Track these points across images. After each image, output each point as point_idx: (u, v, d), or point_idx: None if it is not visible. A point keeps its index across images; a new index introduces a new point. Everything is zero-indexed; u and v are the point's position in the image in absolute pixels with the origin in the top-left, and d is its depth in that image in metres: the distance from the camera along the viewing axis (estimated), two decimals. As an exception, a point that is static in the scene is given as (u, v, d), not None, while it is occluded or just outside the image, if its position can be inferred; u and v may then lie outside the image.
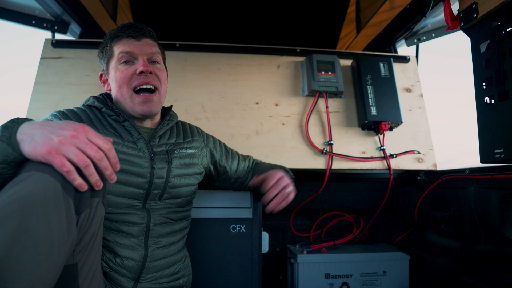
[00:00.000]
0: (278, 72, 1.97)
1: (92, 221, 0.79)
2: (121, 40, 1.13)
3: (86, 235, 0.79)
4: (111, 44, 1.15)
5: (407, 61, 2.08)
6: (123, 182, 1.04)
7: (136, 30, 1.13)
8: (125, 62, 1.11)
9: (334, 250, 1.76)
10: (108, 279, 1.02)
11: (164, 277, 1.11)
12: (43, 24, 2.02)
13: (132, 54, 1.12)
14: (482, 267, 1.37)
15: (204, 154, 1.30)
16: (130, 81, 1.10)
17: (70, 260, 0.77)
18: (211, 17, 2.45)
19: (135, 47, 1.12)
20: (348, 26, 2.49)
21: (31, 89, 1.80)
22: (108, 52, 1.15)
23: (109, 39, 1.15)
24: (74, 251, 0.77)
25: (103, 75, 1.21)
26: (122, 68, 1.11)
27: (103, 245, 1.03)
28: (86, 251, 0.81)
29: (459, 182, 1.54)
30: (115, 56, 1.13)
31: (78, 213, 0.74)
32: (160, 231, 1.11)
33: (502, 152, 1.13)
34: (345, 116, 1.91)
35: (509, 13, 1.12)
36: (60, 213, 0.69)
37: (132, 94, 1.11)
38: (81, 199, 0.75)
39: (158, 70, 1.15)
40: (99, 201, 0.82)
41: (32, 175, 0.69)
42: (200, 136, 1.34)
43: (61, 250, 0.69)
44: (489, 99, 1.20)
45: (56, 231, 0.68)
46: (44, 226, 0.66)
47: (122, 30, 1.13)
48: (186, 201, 1.20)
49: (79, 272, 0.80)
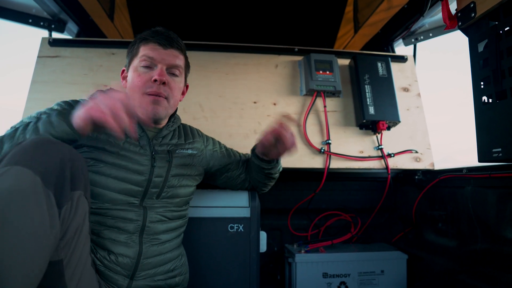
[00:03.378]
0: (276, 71, 1.97)
1: (75, 215, 0.79)
2: (148, 44, 1.14)
3: (69, 229, 0.78)
4: (138, 45, 1.16)
5: (404, 61, 2.08)
6: (122, 179, 1.04)
7: (164, 38, 1.14)
8: (145, 66, 1.13)
9: (332, 249, 1.76)
10: (103, 277, 1.02)
11: (159, 275, 1.11)
12: (40, 23, 2.01)
13: (154, 60, 1.13)
14: (479, 266, 1.38)
15: (204, 155, 1.31)
16: (144, 86, 1.11)
17: (55, 256, 0.76)
18: (209, 16, 2.44)
19: (159, 54, 1.13)
20: (346, 25, 2.49)
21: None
22: (134, 51, 1.17)
23: (139, 39, 1.17)
24: (58, 247, 0.76)
25: (124, 71, 1.22)
26: (141, 71, 1.13)
27: (97, 243, 1.03)
28: (71, 247, 0.80)
29: (456, 181, 1.54)
30: (138, 57, 1.14)
31: (59, 206, 0.74)
32: (156, 229, 1.11)
33: (499, 151, 1.14)
34: (343, 116, 1.91)
35: (506, 12, 1.12)
36: (41, 206, 0.69)
37: (142, 95, 1.11)
38: (62, 192, 0.75)
39: (173, 81, 1.15)
40: (81, 194, 0.81)
41: (10, 170, 0.68)
42: (201, 137, 1.35)
43: (45, 244, 0.69)
44: (487, 98, 1.21)
45: (38, 225, 0.67)
46: (25, 220, 0.66)
47: (152, 34, 1.15)
48: (183, 201, 1.20)
49: (65, 269, 0.79)
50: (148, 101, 1.11)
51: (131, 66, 1.17)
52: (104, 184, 1.03)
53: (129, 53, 1.20)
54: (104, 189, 1.03)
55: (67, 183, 0.76)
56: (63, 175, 0.75)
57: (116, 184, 1.04)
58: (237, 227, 1.40)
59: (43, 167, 0.71)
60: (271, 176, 1.38)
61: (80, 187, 0.81)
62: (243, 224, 1.41)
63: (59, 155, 0.76)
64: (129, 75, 1.17)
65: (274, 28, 2.54)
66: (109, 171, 1.03)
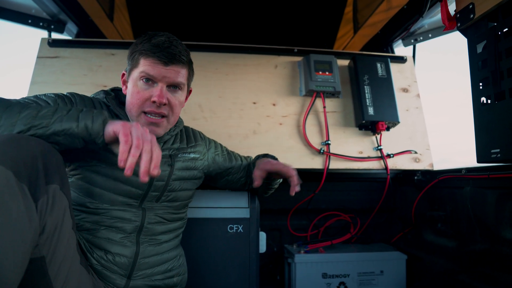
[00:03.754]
0: (275, 72, 1.97)
1: (52, 209, 0.77)
2: (149, 58, 1.05)
3: (48, 224, 0.77)
4: (139, 56, 1.08)
5: (404, 61, 2.08)
6: (123, 181, 1.04)
7: (165, 55, 1.05)
8: (145, 81, 1.06)
9: (332, 249, 1.76)
10: (100, 277, 1.02)
11: (157, 274, 1.11)
12: (39, 23, 2.01)
13: (154, 78, 1.06)
14: (478, 267, 1.38)
15: (206, 159, 1.31)
16: (143, 104, 1.06)
17: (37, 252, 0.75)
18: (209, 17, 2.44)
19: (159, 72, 1.05)
20: (345, 26, 2.49)
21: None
22: (135, 60, 1.09)
23: (139, 51, 1.08)
24: (38, 243, 0.75)
25: (124, 75, 1.15)
26: (140, 87, 1.06)
27: (94, 243, 1.03)
28: (52, 243, 0.79)
29: (455, 181, 1.54)
30: (138, 71, 1.07)
31: (35, 200, 0.73)
32: (154, 230, 1.11)
33: (498, 152, 1.14)
34: (343, 116, 1.92)
35: (505, 14, 1.12)
36: (17, 200, 0.68)
37: (140, 114, 1.08)
38: (36, 186, 0.74)
39: (173, 98, 1.10)
40: (57, 188, 0.79)
41: None
42: (203, 141, 1.34)
43: (25, 237, 0.68)
44: (485, 99, 1.21)
45: (16, 219, 0.67)
46: (2, 215, 0.65)
47: (153, 49, 1.05)
48: (183, 204, 1.21)
49: (48, 266, 0.77)
50: (145, 123, 1.07)
51: (131, 76, 1.10)
52: (103, 184, 1.03)
53: (130, 59, 1.12)
54: (103, 189, 1.03)
55: (41, 177, 0.75)
56: (36, 169, 0.74)
57: (116, 185, 1.04)
58: (237, 228, 1.40)
59: (15, 161, 0.70)
60: (272, 187, 1.40)
61: (56, 180, 0.79)
62: (243, 225, 1.41)
63: (30, 148, 0.75)
64: (128, 86, 1.11)
65: (274, 28, 2.54)
66: (110, 172, 1.03)
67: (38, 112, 0.84)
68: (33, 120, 0.83)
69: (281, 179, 1.38)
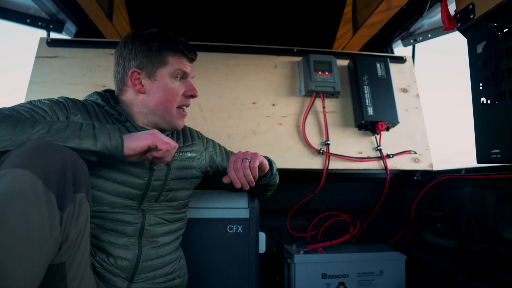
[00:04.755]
0: (275, 72, 1.97)
1: (78, 218, 0.78)
2: (181, 58, 1.16)
3: (72, 232, 0.77)
4: (167, 52, 1.13)
5: (403, 62, 2.08)
6: (121, 182, 1.04)
7: (194, 54, 1.19)
8: (179, 78, 1.16)
9: (331, 250, 1.76)
10: (102, 279, 1.02)
11: (159, 277, 1.11)
12: (38, 23, 2.00)
13: (186, 75, 1.18)
14: (478, 267, 1.38)
15: (203, 158, 1.30)
16: (180, 100, 1.16)
17: (58, 259, 0.75)
18: (208, 17, 2.44)
19: (189, 69, 1.18)
20: (345, 26, 2.49)
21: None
22: (161, 57, 1.12)
23: (168, 47, 1.13)
24: (61, 250, 0.75)
25: (137, 73, 1.12)
26: (176, 84, 1.15)
27: (96, 246, 1.02)
28: (74, 250, 0.80)
29: (455, 182, 1.54)
30: (171, 68, 1.13)
31: (61, 209, 0.73)
32: (155, 232, 1.10)
33: (498, 153, 1.14)
34: (342, 116, 1.91)
35: (505, 14, 1.12)
36: (41, 209, 0.68)
37: (177, 108, 1.17)
38: (64, 195, 0.74)
39: None
40: (83, 197, 0.80)
41: (10, 172, 0.68)
42: (200, 140, 1.34)
43: (44, 247, 0.68)
44: (485, 99, 1.21)
45: (37, 228, 0.67)
46: (24, 223, 0.65)
47: (185, 47, 1.15)
48: (182, 204, 1.20)
49: (67, 271, 0.78)
50: (180, 116, 1.18)
51: (158, 73, 1.12)
52: (102, 187, 1.02)
53: (150, 57, 1.11)
54: (103, 192, 1.02)
55: (69, 185, 0.75)
56: (65, 177, 0.75)
57: (114, 187, 1.03)
58: (236, 228, 1.40)
59: (44, 169, 0.71)
60: (269, 188, 1.38)
61: (83, 189, 0.80)
62: (242, 225, 1.40)
63: (60, 157, 0.75)
64: (156, 83, 1.12)
65: (273, 28, 2.54)
66: (107, 174, 1.03)
67: (50, 127, 0.83)
68: (47, 135, 0.82)
69: (276, 176, 1.34)
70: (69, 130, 0.85)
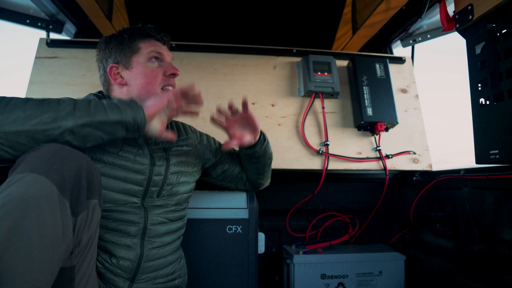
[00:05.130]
0: (274, 72, 1.97)
1: (90, 223, 0.79)
2: (151, 41, 1.17)
3: (85, 237, 0.78)
4: (137, 41, 1.16)
5: (402, 62, 2.09)
6: (123, 179, 1.04)
7: (164, 35, 1.20)
8: (155, 60, 1.16)
9: (330, 250, 1.76)
10: (103, 279, 1.02)
11: (160, 278, 1.11)
12: (37, 23, 2.00)
13: (162, 56, 1.17)
14: (476, 267, 1.38)
15: (198, 151, 1.31)
16: (162, 81, 1.15)
17: (68, 262, 0.76)
18: (207, 17, 2.44)
19: (164, 51, 1.18)
20: (344, 26, 2.50)
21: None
22: (132, 46, 1.16)
23: (137, 35, 1.17)
24: (72, 254, 0.76)
25: (115, 68, 1.16)
26: (152, 66, 1.15)
27: (99, 246, 1.03)
28: (84, 253, 0.81)
29: (454, 182, 1.54)
30: (144, 53, 1.15)
31: (75, 215, 0.74)
32: (157, 231, 1.11)
33: (497, 153, 1.14)
34: (341, 117, 1.92)
35: (504, 15, 1.12)
36: (55, 215, 0.68)
37: (161, 90, 1.15)
38: (78, 201, 0.74)
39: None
40: (96, 203, 0.81)
41: (26, 177, 0.68)
42: (194, 134, 1.35)
43: (56, 253, 0.68)
44: (484, 100, 1.21)
45: (50, 234, 0.67)
46: (37, 229, 0.65)
47: (153, 31, 1.17)
48: (183, 198, 1.21)
49: (76, 274, 0.79)
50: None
51: (133, 62, 1.15)
52: (105, 184, 1.02)
53: (124, 48, 1.16)
54: (105, 189, 1.02)
55: (83, 192, 0.76)
56: (80, 184, 0.75)
57: (116, 184, 1.04)
58: (235, 229, 1.40)
59: (60, 175, 0.71)
60: (264, 162, 1.36)
61: (96, 195, 0.81)
62: (242, 226, 1.41)
63: (75, 163, 0.75)
64: (133, 71, 1.14)
65: (273, 29, 2.54)
66: (109, 171, 1.03)
67: (75, 104, 0.86)
68: (73, 111, 0.85)
69: (269, 148, 1.35)
70: (93, 105, 0.88)
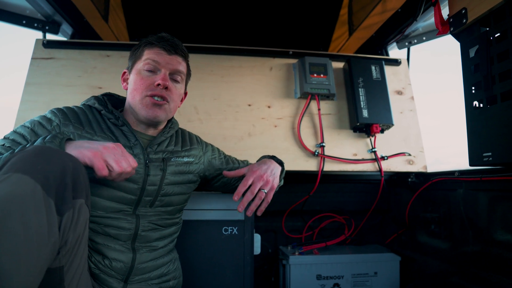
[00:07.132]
0: (270, 74, 1.98)
1: (77, 223, 0.79)
2: (153, 49, 1.14)
3: (71, 237, 0.78)
4: (143, 48, 1.16)
5: (398, 64, 2.10)
6: (115, 187, 1.04)
7: (170, 44, 1.15)
8: (149, 70, 1.13)
9: (326, 251, 1.77)
10: (97, 280, 1.02)
11: (154, 279, 1.12)
12: (34, 24, 1.99)
13: (158, 64, 1.13)
14: (471, 268, 1.40)
15: (201, 163, 1.29)
16: (146, 89, 1.11)
17: (56, 263, 0.76)
18: (204, 19, 2.44)
19: (163, 59, 1.13)
20: (340, 28, 2.51)
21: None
22: (138, 54, 1.17)
23: (144, 43, 1.17)
24: (59, 254, 0.76)
25: (126, 73, 1.22)
26: (144, 75, 1.13)
27: (92, 248, 1.03)
28: (72, 254, 0.81)
29: (448, 184, 1.56)
30: (142, 60, 1.14)
31: (60, 214, 0.74)
32: (149, 237, 1.11)
33: (490, 156, 1.15)
34: (337, 118, 1.93)
35: (497, 19, 1.14)
36: (40, 214, 0.68)
37: (144, 97, 1.11)
38: (63, 200, 0.74)
39: (174, 87, 1.16)
40: (82, 203, 0.81)
41: (10, 177, 0.68)
42: (199, 144, 1.33)
43: (42, 252, 0.68)
44: (478, 103, 1.23)
45: (36, 233, 0.67)
46: (22, 228, 0.65)
47: (158, 39, 1.15)
48: (177, 209, 1.20)
49: (65, 275, 0.79)
50: (150, 104, 1.10)
51: (134, 68, 1.16)
52: (96, 192, 1.02)
53: (132, 56, 1.20)
54: (97, 197, 1.02)
55: (68, 191, 0.76)
56: (65, 183, 0.75)
57: (108, 192, 1.03)
58: (232, 230, 1.41)
59: (44, 174, 0.71)
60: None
61: (82, 195, 0.80)
62: (238, 227, 1.41)
63: (60, 162, 0.75)
64: (131, 78, 1.16)
65: (269, 31, 2.55)
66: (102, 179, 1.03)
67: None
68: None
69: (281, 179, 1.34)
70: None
